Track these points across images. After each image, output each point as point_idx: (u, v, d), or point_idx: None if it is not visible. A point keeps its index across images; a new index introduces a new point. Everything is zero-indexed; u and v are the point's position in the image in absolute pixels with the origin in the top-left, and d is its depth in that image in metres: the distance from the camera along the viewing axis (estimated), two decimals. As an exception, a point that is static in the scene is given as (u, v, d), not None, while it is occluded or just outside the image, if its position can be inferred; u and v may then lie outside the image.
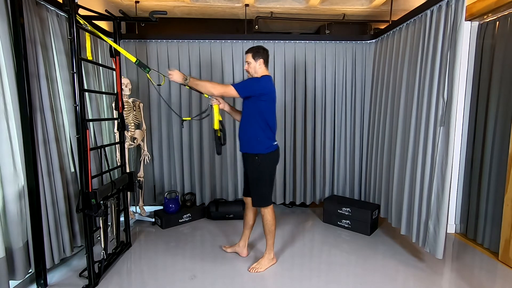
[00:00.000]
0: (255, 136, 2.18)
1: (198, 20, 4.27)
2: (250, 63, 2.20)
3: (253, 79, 2.17)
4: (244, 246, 2.51)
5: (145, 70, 2.21)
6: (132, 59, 2.17)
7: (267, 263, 2.33)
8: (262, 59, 2.19)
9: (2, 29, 1.80)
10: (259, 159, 2.18)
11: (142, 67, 2.21)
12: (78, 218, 2.41)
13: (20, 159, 1.94)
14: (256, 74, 2.21)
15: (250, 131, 2.20)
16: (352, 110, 3.47)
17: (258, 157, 2.18)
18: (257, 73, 2.21)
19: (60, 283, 2.14)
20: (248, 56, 2.21)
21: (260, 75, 2.21)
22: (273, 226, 2.29)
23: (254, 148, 2.19)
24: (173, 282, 2.14)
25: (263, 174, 2.22)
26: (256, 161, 2.19)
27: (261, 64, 2.20)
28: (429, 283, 2.13)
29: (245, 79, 2.18)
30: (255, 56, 2.18)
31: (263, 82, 2.15)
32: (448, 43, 2.12)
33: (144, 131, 3.17)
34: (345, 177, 3.58)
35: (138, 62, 2.19)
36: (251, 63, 2.19)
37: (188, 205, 3.34)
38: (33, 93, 1.98)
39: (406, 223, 2.58)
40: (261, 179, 2.23)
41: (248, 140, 2.22)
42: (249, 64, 2.21)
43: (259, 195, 2.26)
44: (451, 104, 2.11)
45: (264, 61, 2.21)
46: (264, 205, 2.26)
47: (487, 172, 2.60)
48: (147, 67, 2.22)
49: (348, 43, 3.38)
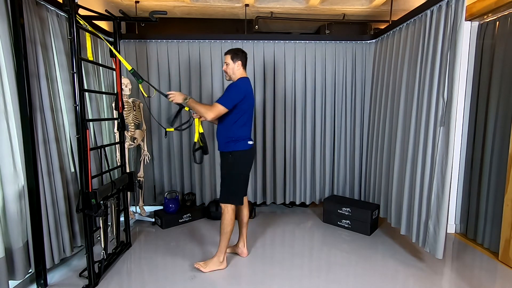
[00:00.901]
0: (231, 135, 2.21)
1: (198, 20, 4.28)
2: (228, 64, 2.24)
3: (233, 88, 2.18)
4: (244, 246, 2.51)
5: (138, 81, 2.24)
6: (128, 67, 2.21)
7: (214, 266, 2.28)
8: (240, 61, 2.23)
9: (2, 29, 1.80)
10: (233, 157, 2.21)
11: (135, 76, 2.23)
12: (78, 218, 2.41)
13: (20, 159, 1.94)
14: (234, 75, 2.25)
15: (227, 131, 2.22)
16: (352, 110, 3.47)
17: (232, 154, 2.21)
18: (234, 74, 2.25)
19: (60, 283, 2.14)
20: (227, 57, 2.25)
21: (238, 76, 2.24)
22: (229, 227, 2.24)
23: (230, 146, 2.22)
24: (173, 282, 2.14)
25: (237, 171, 2.23)
26: (230, 158, 2.21)
27: (239, 66, 2.24)
28: (429, 283, 2.13)
29: (226, 90, 2.19)
30: (234, 57, 2.23)
31: (243, 88, 2.18)
32: (448, 43, 2.12)
33: (144, 131, 3.17)
34: (345, 177, 3.58)
35: (133, 71, 2.23)
36: (230, 64, 2.24)
37: (188, 205, 3.35)
38: (33, 93, 1.98)
39: (406, 223, 2.58)
40: (235, 176, 2.24)
41: (225, 140, 2.24)
42: (228, 65, 2.25)
43: (228, 190, 2.25)
44: (451, 104, 2.11)
45: (242, 63, 2.25)
46: (227, 201, 2.24)
47: (487, 172, 2.60)
48: (141, 78, 2.25)
49: (348, 43, 3.38)
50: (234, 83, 2.22)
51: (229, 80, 2.31)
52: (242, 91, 2.17)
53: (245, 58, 2.28)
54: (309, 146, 3.50)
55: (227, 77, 2.30)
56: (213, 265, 2.28)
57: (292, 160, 3.53)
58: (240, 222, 2.48)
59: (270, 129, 3.45)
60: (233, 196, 2.26)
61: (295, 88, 3.41)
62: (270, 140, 3.46)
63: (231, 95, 2.15)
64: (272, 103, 3.42)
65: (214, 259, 2.30)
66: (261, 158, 3.48)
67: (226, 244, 2.29)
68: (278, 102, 3.39)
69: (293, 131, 3.49)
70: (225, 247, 2.30)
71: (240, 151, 2.22)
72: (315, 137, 3.49)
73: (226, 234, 2.25)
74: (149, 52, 3.30)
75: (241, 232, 2.51)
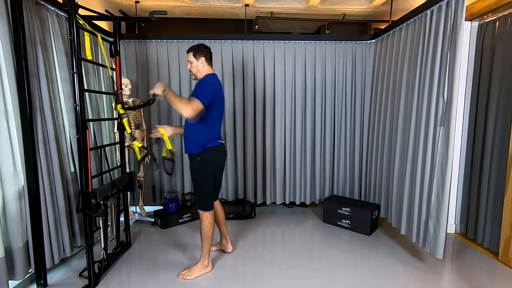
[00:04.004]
0: (199, 136, 2.09)
1: (198, 20, 4.28)
2: (192, 62, 2.12)
3: (204, 85, 2.05)
4: (227, 242, 2.54)
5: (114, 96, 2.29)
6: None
7: (199, 271, 2.22)
8: (203, 57, 2.11)
9: (2, 29, 1.80)
10: (200, 159, 2.10)
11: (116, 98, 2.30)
12: (78, 218, 2.41)
13: (20, 159, 1.94)
14: (200, 73, 2.13)
15: (196, 132, 2.10)
16: (352, 110, 3.47)
17: (200, 157, 2.09)
18: (200, 72, 2.13)
19: (60, 283, 2.14)
20: (189, 56, 2.12)
21: (204, 74, 2.12)
22: (210, 232, 2.19)
23: (197, 148, 2.10)
24: (173, 282, 2.14)
25: (205, 174, 2.13)
26: (198, 161, 2.10)
27: (203, 62, 2.12)
28: (429, 283, 2.13)
29: (197, 88, 2.06)
30: (196, 54, 2.10)
31: (212, 85, 2.06)
32: (448, 43, 2.12)
33: (144, 131, 3.17)
34: (345, 177, 3.58)
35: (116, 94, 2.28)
36: (193, 62, 2.11)
37: (188, 205, 3.34)
38: (33, 93, 1.98)
39: (406, 223, 2.58)
40: (203, 180, 2.14)
41: (192, 141, 2.12)
42: (191, 64, 2.12)
43: (200, 196, 2.17)
44: (451, 104, 2.11)
45: (206, 59, 2.12)
46: (203, 208, 2.17)
47: (487, 172, 2.60)
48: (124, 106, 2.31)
49: (348, 43, 3.38)
50: (201, 80, 2.09)
51: (195, 80, 2.18)
52: (211, 87, 2.04)
53: (209, 53, 2.14)
54: (309, 146, 3.50)
55: (193, 77, 2.17)
56: (198, 271, 2.22)
57: (292, 160, 3.53)
58: (218, 222, 2.44)
59: (270, 129, 3.45)
60: (204, 202, 2.18)
61: (295, 88, 3.41)
62: (270, 140, 3.46)
63: (205, 92, 2.00)
64: (272, 103, 3.42)
65: (198, 265, 2.24)
66: (261, 158, 3.48)
67: (208, 248, 2.24)
68: (278, 102, 3.39)
69: (293, 131, 3.48)
70: (208, 251, 2.25)
71: (208, 152, 2.10)
72: (315, 137, 3.49)
73: (208, 239, 2.20)
74: (149, 52, 3.30)
75: (221, 231, 2.52)
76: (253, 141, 3.47)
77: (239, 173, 3.48)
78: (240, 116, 3.41)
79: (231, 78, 3.37)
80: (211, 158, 2.14)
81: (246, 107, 3.41)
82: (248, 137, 3.44)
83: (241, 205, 3.31)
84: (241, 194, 3.56)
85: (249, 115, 3.41)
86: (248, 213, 3.33)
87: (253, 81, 3.36)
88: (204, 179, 2.14)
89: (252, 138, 3.46)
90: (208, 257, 2.27)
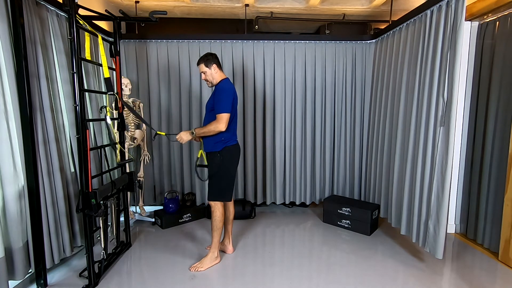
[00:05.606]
0: (221, 136, 2.22)
1: (198, 20, 4.28)
2: (205, 72, 2.26)
3: (225, 92, 2.18)
4: (229, 243, 2.54)
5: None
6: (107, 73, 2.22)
7: (210, 262, 2.33)
8: (214, 64, 2.25)
9: (2, 29, 1.80)
10: (221, 156, 2.24)
11: None
12: (78, 218, 2.41)
13: (20, 159, 1.94)
14: (214, 80, 2.27)
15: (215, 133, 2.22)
16: (352, 110, 3.47)
17: (220, 153, 2.24)
18: (215, 79, 2.27)
19: (60, 283, 2.14)
20: (201, 67, 2.26)
21: (218, 79, 2.26)
22: (220, 223, 2.31)
23: (217, 146, 2.24)
24: (173, 282, 2.14)
25: (225, 169, 2.26)
26: (218, 157, 2.24)
27: (215, 68, 2.26)
28: (429, 283, 2.13)
29: (217, 97, 2.18)
30: (207, 64, 2.24)
31: (231, 91, 2.19)
32: (448, 43, 2.12)
33: (144, 131, 3.17)
34: (345, 177, 3.58)
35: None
36: (207, 71, 2.25)
37: (188, 205, 3.35)
38: (33, 93, 1.98)
39: (406, 223, 2.58)
40: (222, 174, 2.27)
41: (214, 140, 2.24)
42: (205, 74, 2.26)
43: (218, 188, 2.29)
44: (451, 104, 2.11)
45: (217, 65, 2.27)
46: (218, 198, 2.29)
47: (487, 172, 2.60)
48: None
49: (348, 43, 3.38)
50: (220, 87, 2.22)
51: (212, 87, 2.33)
52: (230, 93, 2.19)
53: (217, 59, 2.29)
54: (309, 146, 3.50)
55: (209, 85, 2.32)
56: (209, 262, 2.33)
57: (292, 160, 3.53)
58: (226, 219, 2.49)
59: (270, 129, 3.45)
60: (224, 193, 2.30)
61: (295, 88, 3.41)
62: (270, 140, 3.46)
63: (225, 98, 2.16)
64: (272, 103, 3.42)
65: (208, 256, 2.35)
66: (261, 158, 3.48)
67: (218, 240, 2.35)
68: (278, 102, 3.39)
69: (293, 131, 3.48)
70: (218, 242, 2.36)
71: (228, 149, 2.25)
72: (315, 137, 3.49)
73: (218, 230, 2.31)
74: (149, 52, 3.30)
75: (226, 229, 2.54)
76: (253, 141, 3.47)
77: (239, 173, 3.48)
78: (240, 116, 3.40)
79: (231, 78, 3.37)
80: (231, 155, 2.29)
81: (246, 107, 3.41)
82: (248, 137, 3.44)
83: (241, 205, 3.31)
84: (241, 194, 3.56)
85: (249, 115, 3.41)
86: (248, 213, 3.34)
87: (253, 81, 3.36)
88: (223, 173, 2.27)
89: (252, 138, 3.46)
90: (217, 249, 2.37)
